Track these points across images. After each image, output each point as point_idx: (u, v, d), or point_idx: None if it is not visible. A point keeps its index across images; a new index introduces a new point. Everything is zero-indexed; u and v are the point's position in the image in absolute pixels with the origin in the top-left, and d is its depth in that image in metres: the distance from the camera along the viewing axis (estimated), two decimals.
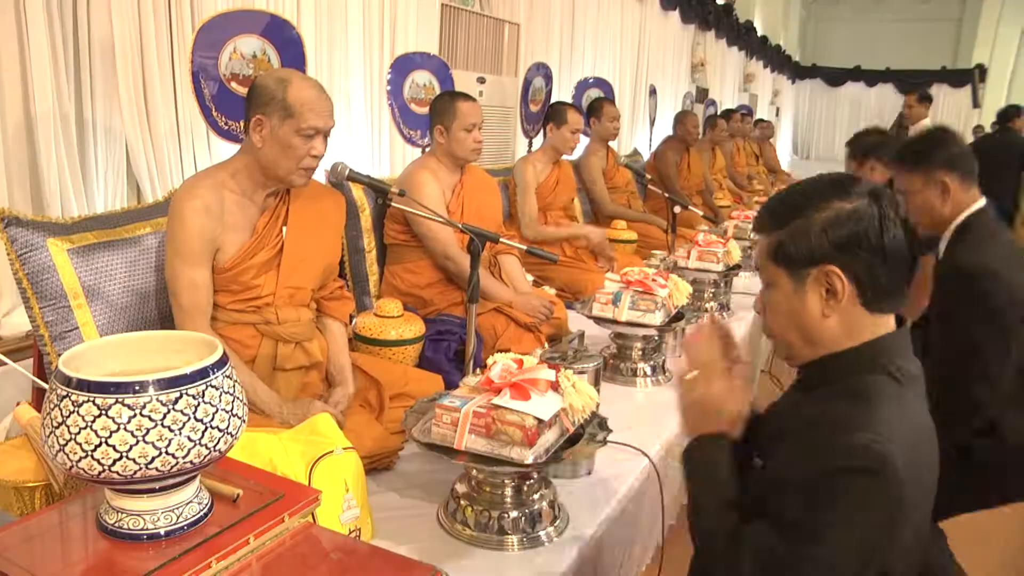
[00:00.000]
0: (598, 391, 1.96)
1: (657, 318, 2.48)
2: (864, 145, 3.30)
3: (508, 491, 1.59)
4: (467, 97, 2.88)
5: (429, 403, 1.65)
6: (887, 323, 1.24)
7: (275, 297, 1.96)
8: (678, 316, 2.65)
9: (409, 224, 2.77)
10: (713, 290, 3.47)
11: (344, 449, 1.49)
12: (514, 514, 1.58)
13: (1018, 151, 7.02)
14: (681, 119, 5.82)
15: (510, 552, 1.55)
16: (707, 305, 3.41)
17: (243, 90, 2.65)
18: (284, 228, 1.98)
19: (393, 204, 2.10)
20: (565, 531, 1.63)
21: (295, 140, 1.87)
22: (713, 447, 1.30)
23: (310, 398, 1.95)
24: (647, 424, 2.20)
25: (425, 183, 2.76)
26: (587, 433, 1.61)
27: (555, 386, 1.56)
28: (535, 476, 1.61)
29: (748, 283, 3.92)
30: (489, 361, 1.62)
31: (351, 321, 2.40)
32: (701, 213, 4.34)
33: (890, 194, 1.22)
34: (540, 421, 1.45)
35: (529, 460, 1.44)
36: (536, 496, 1.61)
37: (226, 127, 2.64)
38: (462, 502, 1.61)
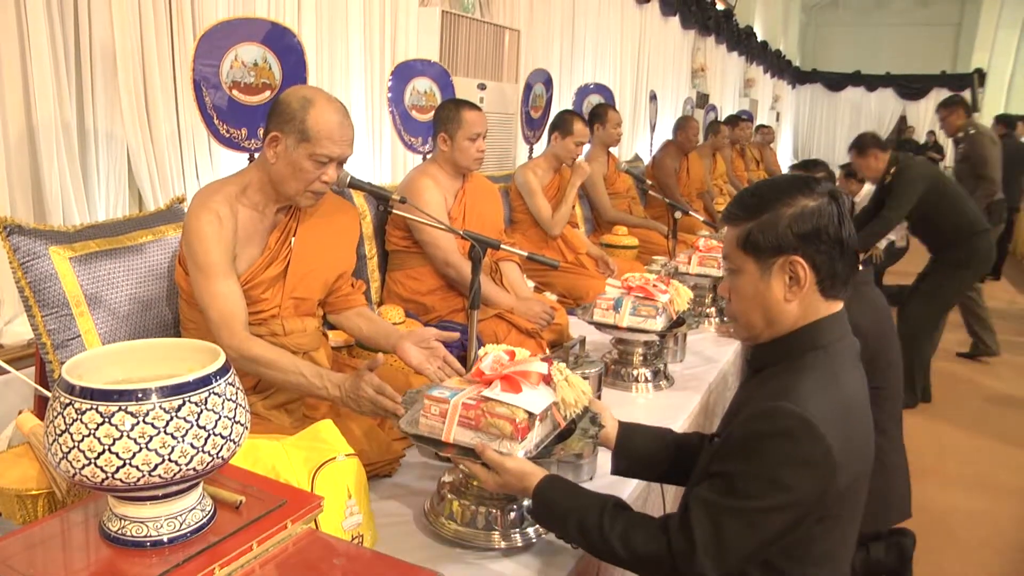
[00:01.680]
0: (599, 396, 1.95)
1: (658, 324, 2.48)
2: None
3: None
4: (472, 106, 2.88)
5: (418, 393, 1.62)
6: (836, 308, 1.37)
7: (280, 308, 1.95)
8: (679, 321, 2.65)
9: (410, 231, 2.78)
10: (713, 295, 3.47)
11: (346, 456, 1.49)
12: (500, 510, 1.54)
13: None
14: (682, 125, 5.82)
15: (496, 549, 1.53)
16: (708, 310, 3.42)
17: (244, 98, 2.66)
18: (292, 239, 1.97)
19: (394, 211, 2.11)
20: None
21: (307, 164, 1.84)
22: (544, 499, 1.40)
23: (356, 372, 1.77)
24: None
25: (426, 190, 2.76)
26: (579, 428, 1.58)
27: (547, 379, 1.52)
28: None
29: None
30: (480, 352, 1.58)
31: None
32: (702, 218, 4.34)
33: (844, 195, 1.35)
34: (531, 415, 1.42)
35: (519, 454, 1.41)
36: None
37: (227, 135, 2.64)
38: (448, 496, 1.58)
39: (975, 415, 4.59)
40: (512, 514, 1.55)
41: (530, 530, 1.56)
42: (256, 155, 2.76)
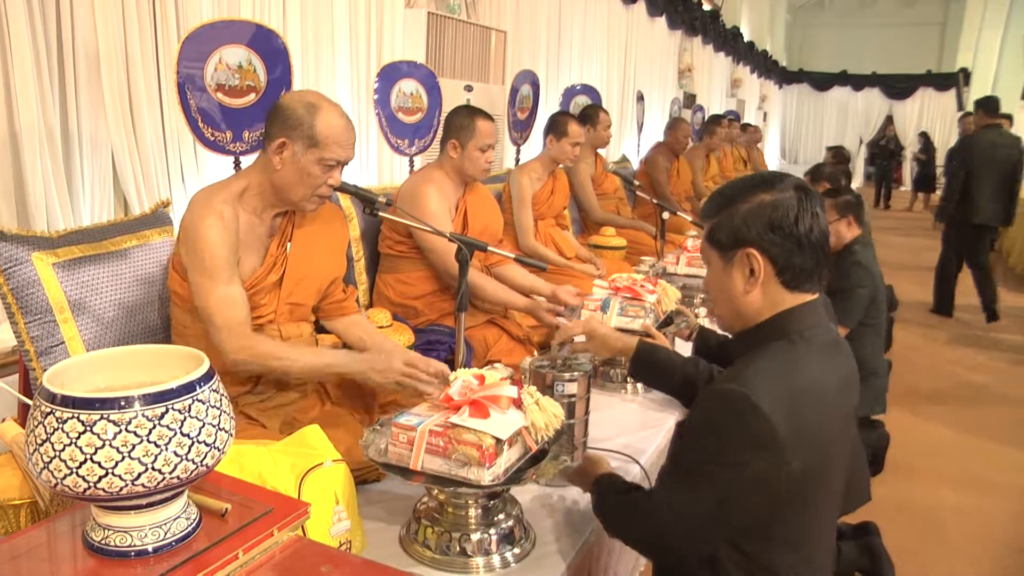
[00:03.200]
0: (588, 399, 1.95)
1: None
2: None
3: (472, 512, 1.53)
4: (487, 116, 2.84)
5: (387, 420, 1.60)
6: (805, 299, 1.39)
7: (276, 314, 1.94)
8: (667, 321, 2.64)
9: (410, 236, 2.74)
10: (703, 295, 3.47)
11: (334, 461, 1.48)
12: (477, 535, 1.52)
13: None
14: (673, 126, 5.85)
15: (475, 572, 1.50)
16: (696, 310, 3.41)
17: (229, 100, 2.64)
18: (288, 244, 1.96)
19: (380, 214, 2.09)
20: (532, 551, 1.57)
21: (315, 169, 1.85)
22: (602, 491, 1.55)
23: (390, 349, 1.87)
24: (639, 431, 2.20)
25: (430, 198, 2.71)
26: (552, 451, 1.56)
27: (518, 403, 1.51)
28: (503, 494, 1.56)
29: None
30: (451, 377, 1.57)
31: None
32: (690, 219, 4.34)
33: (814, 191, 1.38)
34: (498, 441, 1.41)
35: (487, 480, 1.39)
36: (502, 516, 1.55)
37: (212, 138, 2.63)
38: (423, 522, 1.55)
39: (964, 413, 4.61)
40: (488, 537, 1.52)
41: (508, 554, 1.53)
42: (241, 158, 2.75)
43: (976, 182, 6.14)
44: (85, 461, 0.92)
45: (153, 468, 0.94)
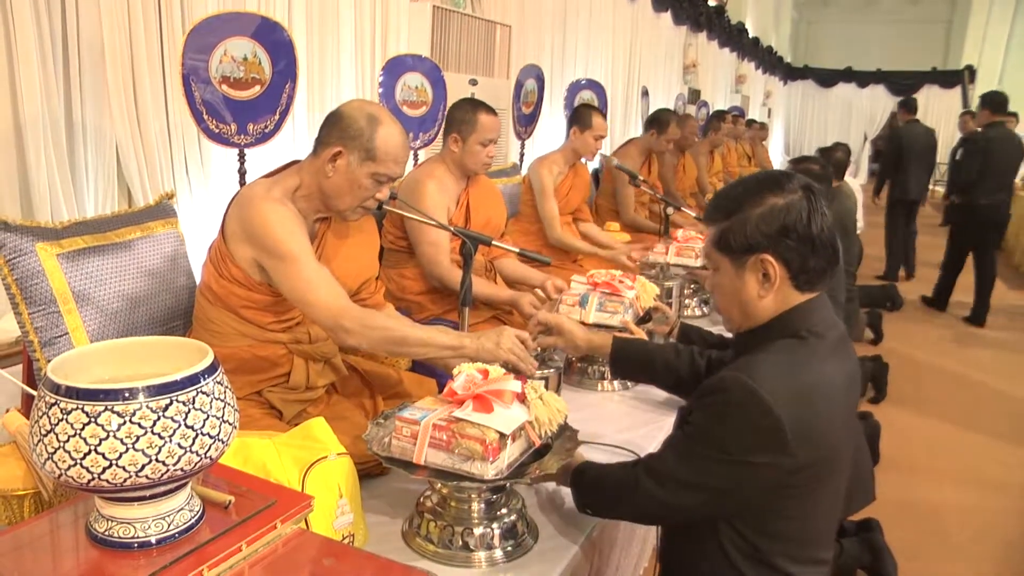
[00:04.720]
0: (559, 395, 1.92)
1: (625, 319, 2.44)
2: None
3: (475, 506, 1.52)
4: (489, 110, 2.82)
5: (390, 414, 1.60)
6: (812, 295, 1.40)
7: (305, 316, 1.95)
8: (645, 318, 2.61)
9: (406, 231, 2.74)
10: (694, 286, 3.46)
11: (338, 454, 1.48)
12: (481, 530, 1.51)
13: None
14: (681, 123, 5.83)
15: (477, 567, 1.49)
16: (687, 301, 3.41)
17: (234, 93, 2.64)
18: (322, 249, 1.97)
19: (386, 207, 2.09)
20: (535, 545, 1.56)
21: (367, 181, 1.84)
22: (583, 483, 1.57)
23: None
24: (639, 427, 2.19)
25: (430, 195, 2.69)
26: (555, 446, 1.56)
27: (521, 398, 1.51)
28: (506, 489, 1.55)
29: None
30: (454, 371, 1.57)
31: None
32: (694, 215, 4.33)
33: (820, 189, 1.37)
34: (502, 435, 1.40)
35: (490, 475, 1.39)
36: (505, 510, 1.55)
37: (217, 130, 2.62)
38: (426, 516, 1.55)
39: (965, 410, 4.61)
40: (491, 531, 1.51)
41: (511, 548, 1.52)
42: (246, 151, 2.75)
43: (906, 167, 7.52)
44: (89, 452, 0.92)
45: (157, 460, 0.94)
